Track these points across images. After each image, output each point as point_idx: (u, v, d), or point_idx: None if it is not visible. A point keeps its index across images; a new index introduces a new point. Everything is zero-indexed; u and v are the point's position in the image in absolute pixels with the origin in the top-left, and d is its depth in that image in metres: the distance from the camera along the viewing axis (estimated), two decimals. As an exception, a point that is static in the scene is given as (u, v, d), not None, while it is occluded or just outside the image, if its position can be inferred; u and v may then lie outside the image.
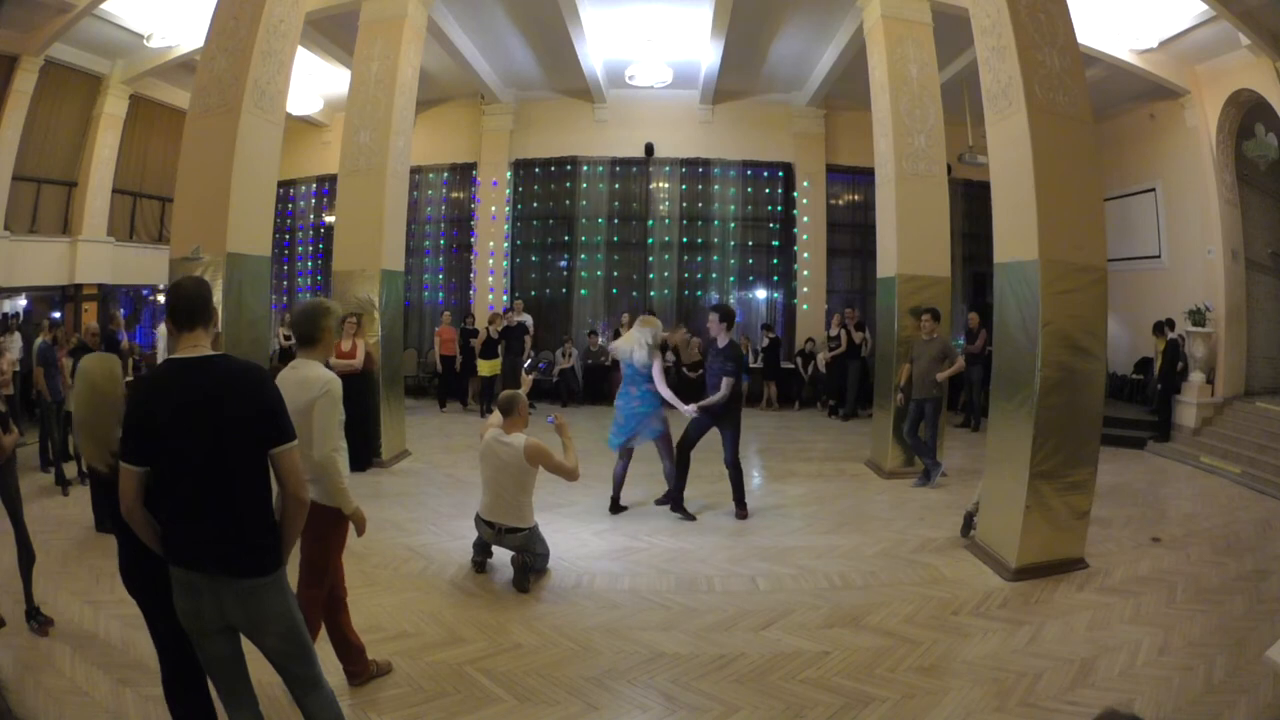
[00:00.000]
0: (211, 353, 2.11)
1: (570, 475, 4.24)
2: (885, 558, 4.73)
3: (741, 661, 3.35)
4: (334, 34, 8.98)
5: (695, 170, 12.02)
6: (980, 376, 9.15)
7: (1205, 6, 7.13)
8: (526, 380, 4.83)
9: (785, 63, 10.63)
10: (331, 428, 2.73)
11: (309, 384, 2.72)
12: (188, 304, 2.13)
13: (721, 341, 5.49)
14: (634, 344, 5.49)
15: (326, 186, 12.55)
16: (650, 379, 5.46)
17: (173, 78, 10.58)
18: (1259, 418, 7.86)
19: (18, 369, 7.78)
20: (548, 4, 8.29)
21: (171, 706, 2.33)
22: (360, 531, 2.92)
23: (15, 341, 7.94)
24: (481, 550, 4.42)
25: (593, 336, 11.40)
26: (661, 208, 12.07)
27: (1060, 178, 4.44)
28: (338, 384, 2.77)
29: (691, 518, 5.49)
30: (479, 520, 4.30)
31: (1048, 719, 2.89)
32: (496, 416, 4.38)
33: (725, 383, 5.32)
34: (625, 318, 11.08)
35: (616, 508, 5.62)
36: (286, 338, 10.66)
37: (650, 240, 12.03)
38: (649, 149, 11.81)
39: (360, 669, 3.08)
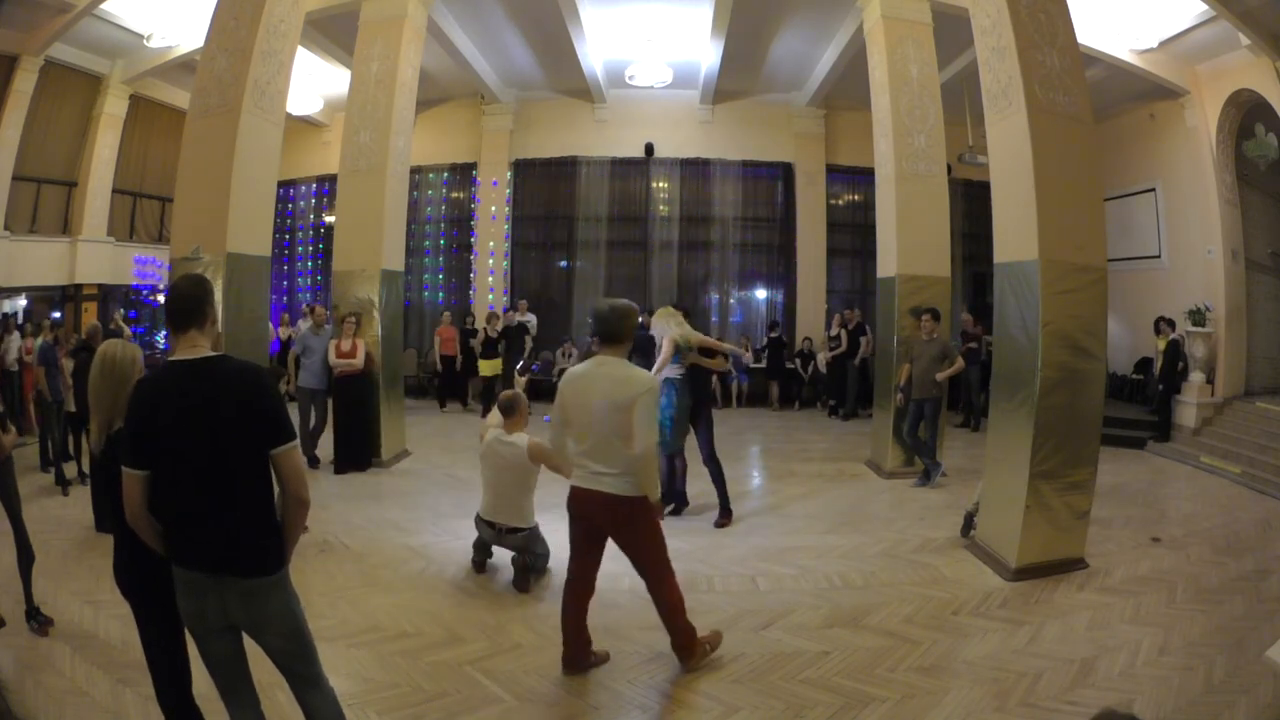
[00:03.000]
0: (210, 354, 2.09)
1: (570, 475, 4.24)
2: (885, 558, 4.73)
3: (741, 661, 3.35)
4: (334, 34, 8.98)
5: (695, 170, 12.01)
6: (978, 377, 9.15)
7: (1205, 6, 7.13)
8: (520, 381, 4.83)
9: (785, 63, 10.62)
10: (653, 423, 2.88)
11: (631, 382, 2.89)
12: (180, 306, 2.11)
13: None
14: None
15: (326, 186, 12.54)
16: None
17: (173, 78, 10.57)
18: (1259, 418, 7.85)
19: (16, 369, 7.77)
20: (548, 4, 8.29)
21: (163, 708, 2.33)
22: (660, 517, 3.10)
23: (14, 341, 7.91)
24: (481, 550, 4.42)
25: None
26: (661, 208, 12.07)
27: (1060, 178, 4.43)
28: (657, 382, 2.89)
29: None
30: (479, 521, 4.30)
31: (1048, 719, 2.89)
32: (495, 416, 4.38)
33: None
34: None
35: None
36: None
37: (650, 240, 12.03)
38: (649, 149, 11.80)
39: (688, 643, 3.19)
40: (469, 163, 12.20)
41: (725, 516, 5.39)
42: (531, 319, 10.92)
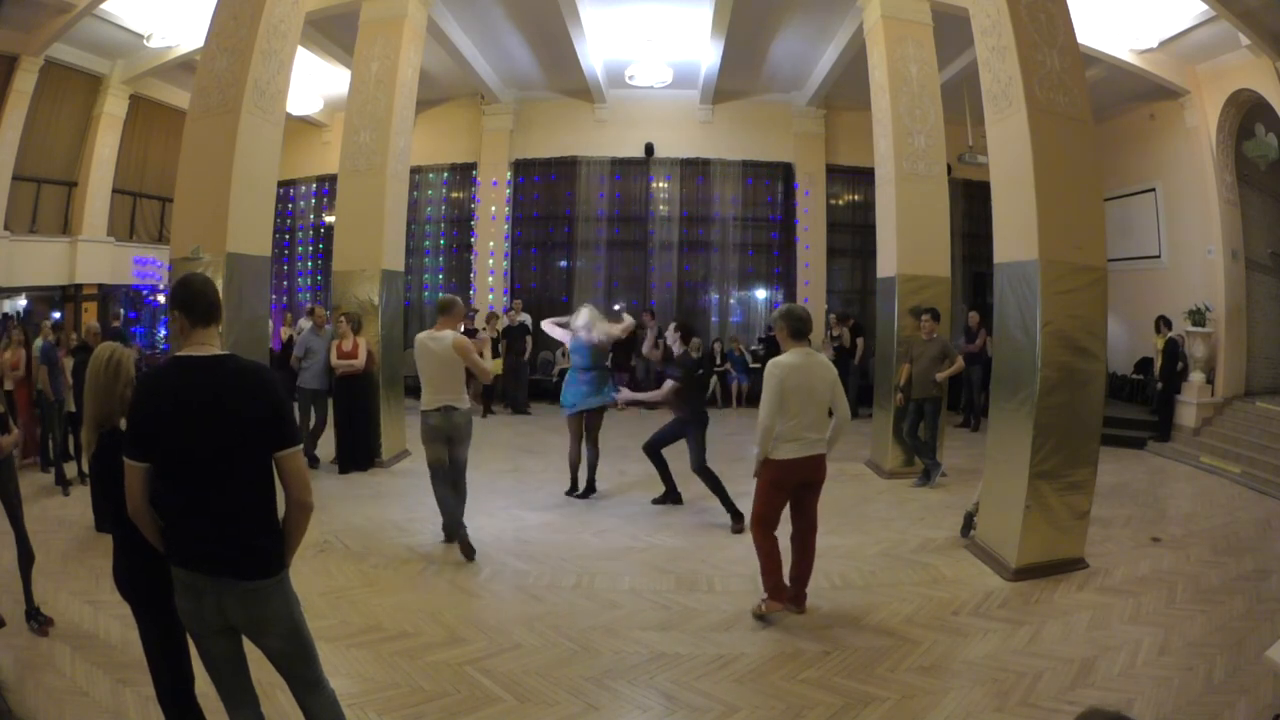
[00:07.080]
0: (219, 352, 2.09)
1: (484, 376, 4.92)
2: (885, 558, 4.73)
3: (741, 661, 3.35)
4: (334, 34, 8.98)
5: (695, 170, 12.01)
6: (980, 376, 9.14)
7: (1205, 6, 7.12)
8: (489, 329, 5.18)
9: (785, 63, 10.62)
10: (846, 395, 3.82)
11: (831, 366, 3.83)
12: (204, 300, 2.11)
13: (677, 351, 5.66)
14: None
15: (326, 186, 12.54)
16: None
17: (173, 78, 10.57)
18: (1259, 418, 7.85)
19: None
20: (548, 4, 8.29)
21: (163, 708, 2.33)
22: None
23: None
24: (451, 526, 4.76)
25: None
26: (661, 208, 12.07)
27: (1060, 178, 4.43)
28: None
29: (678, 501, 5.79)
30: (423, 414, 4.73)
31: (1048, 719, 2.89)
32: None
33: (667, 384, 5.47)
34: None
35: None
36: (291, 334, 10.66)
37: (650, 240, 12.03)
38: (649, 149, 11.80)
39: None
40: (469, 163, 12.19)
41: (739, 521, 5.19)
42: (527, 319, 10.92)
